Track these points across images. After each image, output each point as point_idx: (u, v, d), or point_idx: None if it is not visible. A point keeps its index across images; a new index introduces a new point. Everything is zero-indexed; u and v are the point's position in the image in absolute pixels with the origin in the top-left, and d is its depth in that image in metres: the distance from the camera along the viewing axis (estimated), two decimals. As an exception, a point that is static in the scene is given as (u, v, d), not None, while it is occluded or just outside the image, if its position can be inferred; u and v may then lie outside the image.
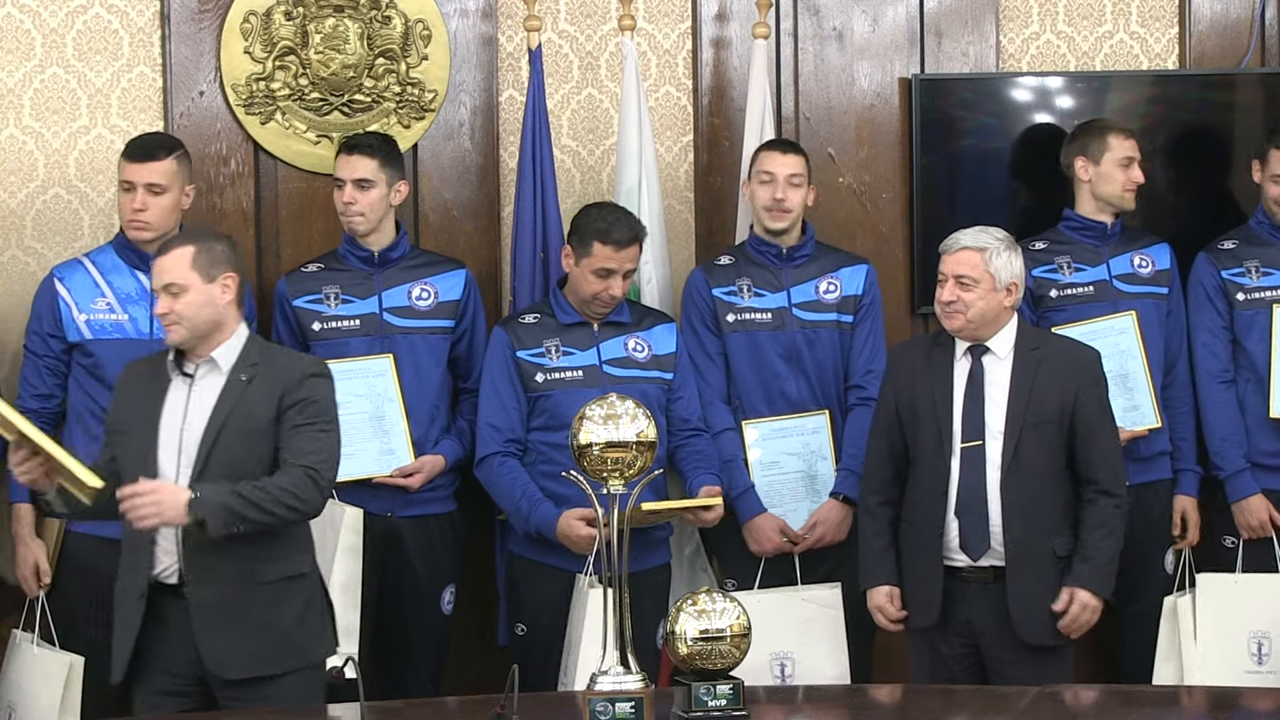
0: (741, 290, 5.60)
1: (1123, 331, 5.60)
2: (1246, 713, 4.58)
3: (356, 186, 5.46)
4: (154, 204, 5.28)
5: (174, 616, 4.58)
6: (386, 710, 4.44)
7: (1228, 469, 5.65)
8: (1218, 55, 6.26)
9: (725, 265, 5.65)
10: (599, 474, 4.11)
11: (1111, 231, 5.74)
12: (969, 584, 5.07)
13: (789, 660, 5.44)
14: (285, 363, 4.70)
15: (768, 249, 5.62)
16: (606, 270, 5.34)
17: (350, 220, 5.49)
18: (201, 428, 4.57)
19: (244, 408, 4.58)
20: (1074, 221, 5.74)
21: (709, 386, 5.58)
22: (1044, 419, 5.04)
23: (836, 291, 5.62)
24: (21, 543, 5.30)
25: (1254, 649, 5.52)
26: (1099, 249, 5.73)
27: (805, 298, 5.61)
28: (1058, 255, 5.70)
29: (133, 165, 5.28)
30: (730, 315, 5.59)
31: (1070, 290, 5.68)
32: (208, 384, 4.62)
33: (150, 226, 5.30)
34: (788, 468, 5.57)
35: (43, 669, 5.19)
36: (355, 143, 5.53)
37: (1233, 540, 5.68)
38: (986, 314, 5.08)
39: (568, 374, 5.38)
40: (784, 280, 5.61)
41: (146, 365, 4.74)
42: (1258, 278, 5.68)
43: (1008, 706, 4.37)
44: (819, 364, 5.59)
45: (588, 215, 5.42)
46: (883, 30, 6.15)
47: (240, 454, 4.56)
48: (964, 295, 5.06)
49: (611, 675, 4.06)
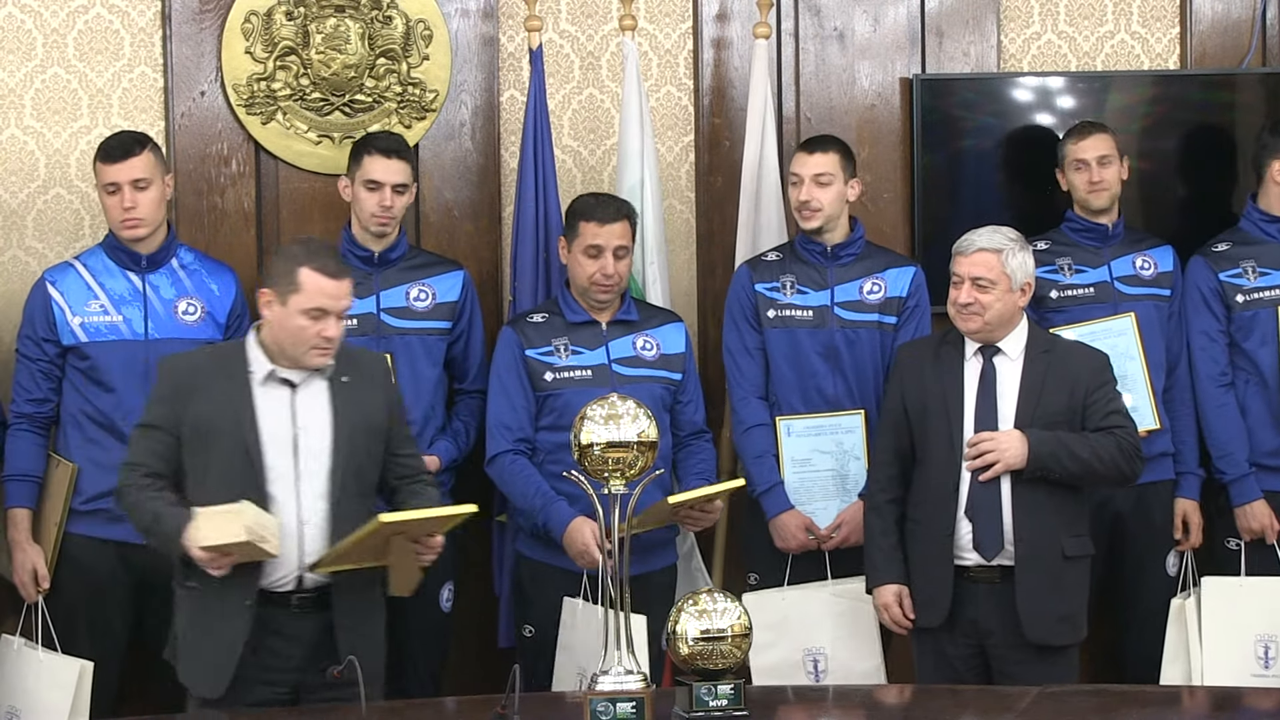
0: (784, 286, 5.59)
1: (1121, 333, 5.59)
2: (1248, 713, 4.58)
3: (396, 191, 5.47)
4: (142, 200, 5.28)
5: (286, 626, 4.56)
6: (386, 710, 4.43)
7: (1231, 473, 5.64)
8: (1219, 55, 6.26)
9: (771, 261, 5.64)
10: (600, 474, 4.11)
11: (1113, 233, 5.73)
12: (976, 584, 5.07)
13: (821, 656, 5.43)
14: (366, 361, 4.77)
15: (813, 246, 5.59)
16: (596, 248, 5.34)
17: (385, 225, 5.49)
18: (325, 433, 4.58)
19: (359, 411, 4.63)
20: (1075, 223, 5.74)
21: (746, 381, 5.57)
22: (1054, 421, 5.04)
23: (880, 292, 5.60)
24: (19, 548, 5.27)
25: (1260, 652, 5.51)
26: (1100, 250, 5.72)
27: (848, 297, 5.58)
28: (1059, 256, 5.70)
29: (113, 166, 5.27)
30: (771, 311, 5.57)
31: (1070, 291, 5.67)
32: (311, 388, 4.62)
33: (144, 223, 5.30)
34: (819, 466, 5.55)
35: (51, 674, 5.16)
36: (393, 146, 5.50)
37: (1236, 543, 5.67)
38: (1003, 315, 5.08)
39: (576, 373, 5.38)
40: (828, 278, 5.59)
41: (209, 363, 4.67)
42: (1255, 278, 5.68)
43: (1010, 706, 4.37)
44: (858, 364, 5.56)
45: (574, 201, 5.49)
46: (884, 30, 6.15)
47: (363, 458, 4.63)
48: (981, 297, 5.06)
49: (612, 675, 4.06)
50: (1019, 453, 4.99)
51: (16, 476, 5.29)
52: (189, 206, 5.73)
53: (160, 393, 4.66)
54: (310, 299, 4.53)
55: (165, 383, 4.66)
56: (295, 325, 4.54)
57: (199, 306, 5.38)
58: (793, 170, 5.57)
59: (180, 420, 4.59)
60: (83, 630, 5.28)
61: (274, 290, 4.58)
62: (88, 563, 5.27)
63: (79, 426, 5.29)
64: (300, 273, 4.54)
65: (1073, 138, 5.72)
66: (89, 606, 5.28)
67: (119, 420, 5.25)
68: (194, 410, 4.58)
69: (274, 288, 4.58)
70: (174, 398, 4.61)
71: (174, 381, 4.64)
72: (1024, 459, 4.98)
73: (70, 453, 5.29)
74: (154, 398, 4.68)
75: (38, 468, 5.30)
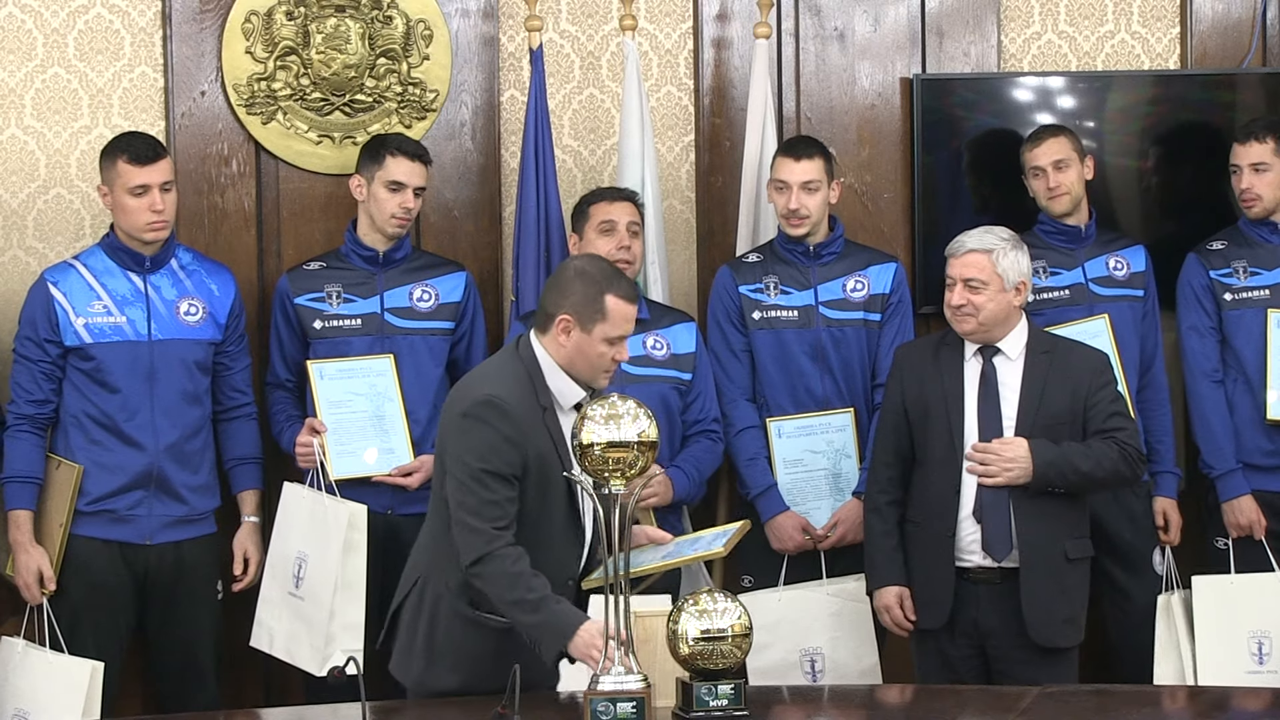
0: (768, 288, 5.60)
1: (1096, 334, 5.58)
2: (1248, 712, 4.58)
3: (416, 194, 5.51)
4: (169, 202, 5.30)
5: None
6: (387, 710, 4.43)
7: (1219, 468, 5.66)
8: (1219, 55, 6.26)
9: (753, 263, 5.65)
10: (600, 474, 4.11)
11: (1086, 234, 5.73)
12: (977, 585, 5.07)
13: (819, 656, 5.43)
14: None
15: (795, 247, 5.61)
16: (609, 223, 5.40)
17: (403, 226, 5.53)
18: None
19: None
20: (1047, 225, 5.73)
21: (733, 384, 5.58)
22: (1057, 421, 5.04)
23: (864, 290, 5.62)
24: (22, 549, 5.26)
25: (1254, 649, 5.52)
26: (1074, 252, 5.72)
27: (832, 296, 5.60)
28: (1034, 259, 5.68)
29: (143, 169, 5.26)
30: (756, 312, 5.59)
31: (1046, 294, 5.67)
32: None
33: (169, 225, 5.33)
34: (812, 465, 5.56)
35: (63, 675, 5.16)
36: (418, 150, 5.55)
37: (1224, 542, 5.68)
38: (997, 315, 5.08)
39: None
40: (811, 278, 5.61)
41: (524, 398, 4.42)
42: (1245, 278, 5.68)
43: (1010, 706, 4.37)
44: (845, 362, 5.58)
45: (582, 197, 5.58)
46: (884, 30, 6.15)
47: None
48: (974, 299, 5.06)
49: (613, 675, 4.06)
50: (1024, 469, 4.98)
51: (17, 478, 5.28)
52: (189, 206, 5.72)
53: (501, 435, 4.36)
54: (616, 327, 4.41)
55: (505, 425, 4.37)
56: (596, 352, 4.41)
57: (200, 307, 5.38)
58: (779, 177, 5.57)
59: (525, 465, 4.35)
60: (86, 631, 5.27)
61: (575, 317, 4.41)
62: (90, 564, 5.27)
63: (81, 428, 5.29)
64: (607, 300, 4.40)
65: (1029, 144, 5.72)
66: (91, 608, 5.28)
67: (122, 421, 5.26)
68: (532, 451, 4.36)
69: (576, 314, 4.41)
70: (513, 443, 4.35)
71: (506, 429, 4.36)
72: (1029, 475, 4.98)
73: (73, 454, 5.28)
74: (489, 444, 4.35)
75: (38, 469, 5.29)
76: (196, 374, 5.36)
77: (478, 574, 4.30)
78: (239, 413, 5.48)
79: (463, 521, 4.31)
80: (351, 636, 5.25)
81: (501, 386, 4.39)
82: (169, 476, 5.30)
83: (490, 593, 4.30)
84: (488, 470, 4.30)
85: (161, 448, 5.29)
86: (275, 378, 5.58)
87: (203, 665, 5.40)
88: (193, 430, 5.35)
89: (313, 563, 5.30)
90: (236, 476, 5.49)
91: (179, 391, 5.32)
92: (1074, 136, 5.72)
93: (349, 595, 5.26)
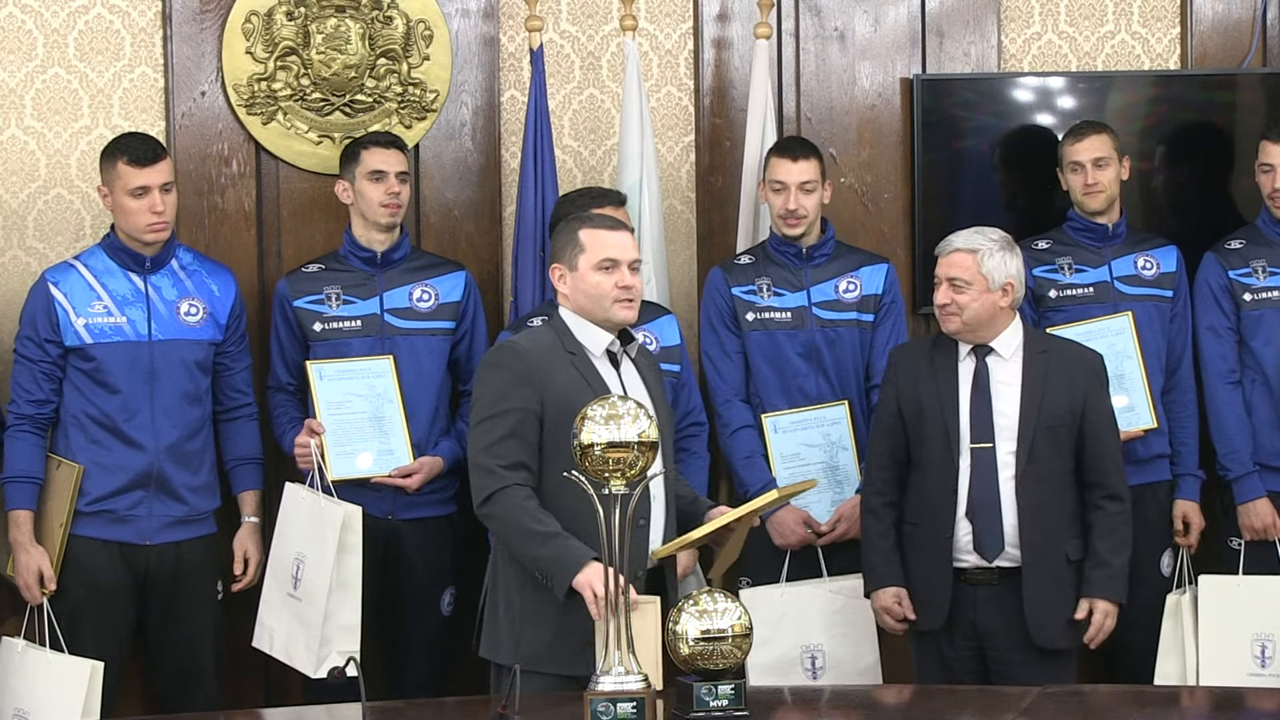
0: (761, 289, 5.62)
1: (1119, 332, 5.59)
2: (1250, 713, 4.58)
3: (399, 179, 5.52)
4: (169, 202, 5.31)
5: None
6: (386, 710, 4.43)
7: (1236, 470, 5.64)
8: (1219, 55, 6.26)
9: (745, 264, 5.66)
10: (600, 474, 4.11)
11: (1114, 233, 5.73)
12: (975, 586, 5.07)
13: (819, 653, 5.44)
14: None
15: (787, 248, 5.62)
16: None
17: (395, 213, 5.54)
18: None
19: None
20: (1076, 222, 5.74)
21: (727, 385, 5.60)
22: (1056, 422, 5.05)
23: (856, 291, 5.63)
24: (22, 549, 5.26)
25: (1257, 651, 5.52)
26: (1101, 250, 5.72)
27: (825, 297, 5.62)
28: (1060, 256, 5.70)
29: (144, 170, 5.26)
30: (750, 314, 5.60)
31: (1069, 291, 5.67)
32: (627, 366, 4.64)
33: (169, 226, 5.33)
34: (809, 459, 5.57)
35: (63, 675, 5.16)
36: (389, 139, 5.58)
37: (1238, 542, 5.67)
38: (981, 315, 5.08)
39: None
40: (804, 280, 5.62)
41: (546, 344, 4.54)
42: (1264, 278, 5.67)
43: (1010, 706, 4.37)
44: (839, 362, 5.60)
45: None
46: (884, 30, 6.15)
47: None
48: (957, 298, 5.07)
49: (613, 675, 4.06)
50: (1113, 610, 5.09)
51: (18, 478, 5.28)
52: (189, 207, 5.72)
53: (514, 374, 4.46)
54: (597, 253, 4.55)
55: (512, 367, 4.48)
56: (592, 284, 4.55)
57: (200, 307, 5.38)
58: (776, 178, 5.58)
59: (542, 404, 4.43)
60: (85, 631, 5.27)
61: (562, 262, 4.59)
62: (90, 564, 5.27)
63: (81, 428, 5.29)
64: (580, 234, 4.58)
65: (1070, 139, 5.72)
66: (91, 608, 5.27)
67: (122, 422, 5.26)
68: (551, 394, 4.44)
69: (562, 260, 4.60)
70: (528, 381, 4.44)
71: (519, 367, 4.47)
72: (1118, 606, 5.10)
73: (72, 454, 5.28)
74: (503, 384, 4.46)
75: (39, 469, 5.29)
76: (197, 374, 5.36)
77: (487, 514, 4.40)
78: (239, 413, 5.48)
79: (475, 463, 4.43)
80: (347, 638, 5.24)
81: (522, 338, 4.60)
82: (169, 477, 5.30)
83: (500, 531, 4.40)
84: (499, 411, 4.41)
85: (161, 448, 5.29)
86: (276, 381, 5.58)
87: (203, 665, 5.39)
88: (193, 430, 5.35)
89: (310, 564, 5.30)
90: (237, 477, 5.50)
91: (179, 392, 5.32)
92: (1115, 135, 5.72)
93: (344, 597, 5.25)
